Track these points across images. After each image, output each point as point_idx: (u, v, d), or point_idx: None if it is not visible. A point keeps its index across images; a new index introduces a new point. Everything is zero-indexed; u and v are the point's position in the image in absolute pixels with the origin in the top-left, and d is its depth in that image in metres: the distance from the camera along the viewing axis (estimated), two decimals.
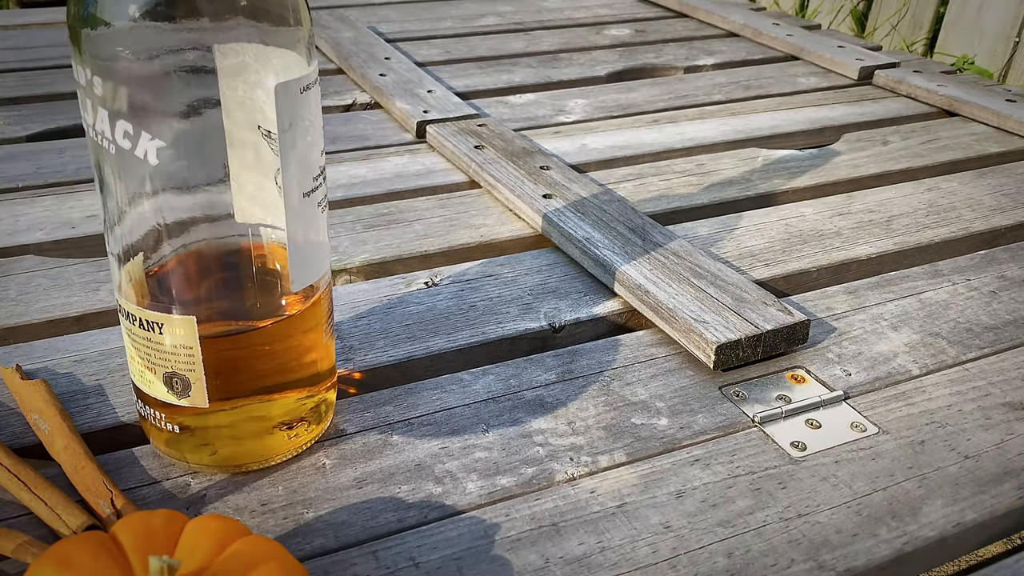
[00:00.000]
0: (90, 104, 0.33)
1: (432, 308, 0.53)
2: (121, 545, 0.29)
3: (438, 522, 0.38)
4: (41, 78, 0.92)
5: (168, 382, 0.37)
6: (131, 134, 0.33)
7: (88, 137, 0.35)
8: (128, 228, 0.36)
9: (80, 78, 0.33)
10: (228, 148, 0.35)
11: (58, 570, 0.27)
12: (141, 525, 0.29)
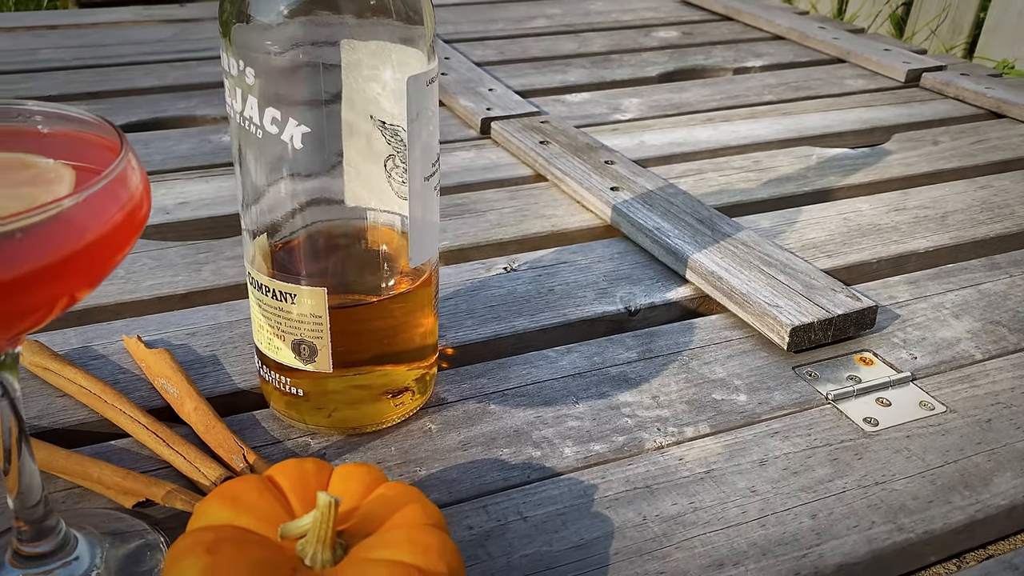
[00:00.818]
0: (239, 93, 0.37)
1: (512, 291, 0.56)
2: (279, 486, 0.32)
3: (540, 482, 0.41)
4: (118, 74, 0.96)
5: (296, 349, 0.41)
6: (279, 120, 0.36)
7: (233, 123, 0.38)
8: (264, 207, 0.39)
9: (232, 69, 0.37)
10: (344, 137, 0.38)
11: (228, 505, 0.31)
12: (295, 470, 0.32)
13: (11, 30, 1.13)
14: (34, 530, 0.33)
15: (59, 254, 0.25)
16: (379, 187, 0.40)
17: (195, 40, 1.10)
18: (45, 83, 0.93)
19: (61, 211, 0.25)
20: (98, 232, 0.26)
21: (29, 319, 0.27)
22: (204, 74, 0.97)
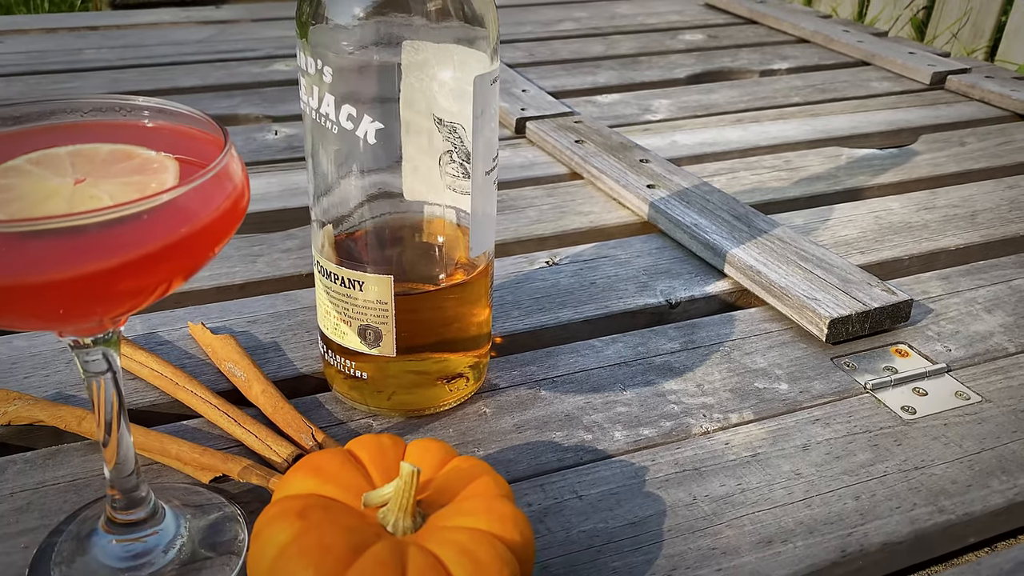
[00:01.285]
0: (316, 90, 0.39)
1: (556, 284, 0.58)
2: (359, 459, 0.34)
3: (592, 463, 0.43)
4: (161, 73, 0.99)
5: (362, 334, 0.43)
6: (354, 116, 0.38)
7: (308, 119, 0.40)
8: (335, 199, 0.41)
9: (309, 68, 0.39)
10: (403, 135, 0.40)
11: (313, 476, 0.33)
12: (373, 444, 0.34)
13: (53, 31, 1.16)
14: (126, 499, 0.35)
15: (176, 236, 0.27)
16: (435, 182, 0.42)
17: (233, 41, 1.12)
18: (91, 82, 0.96)
19: (178, 196, 0.27)
20: (209, 218, 0.28)
21: (141, 298, 0.29)
22: (245, 74, 0.99)
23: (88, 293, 0.27)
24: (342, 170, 0.40)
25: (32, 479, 0.40)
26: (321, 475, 0.33)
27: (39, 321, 0.29)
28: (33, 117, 0.32)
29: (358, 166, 0.40)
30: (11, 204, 0.28)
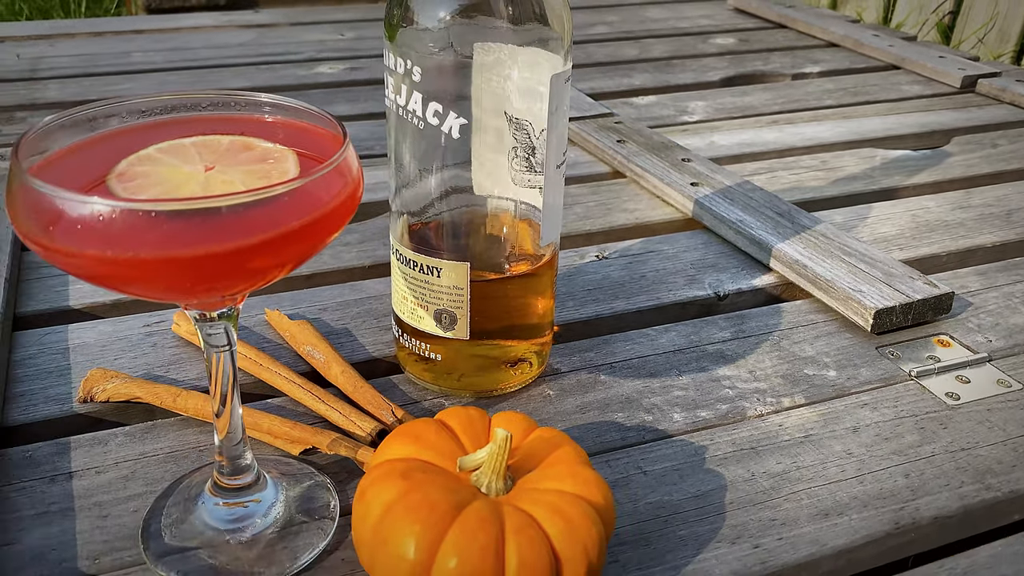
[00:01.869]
0: (405, 89, 0.42)
1: (607, 277, 0.60)
2: (450, 428, 0.36)
3: (654, 442, 0.45)
4: (209, 75, 1.02)
5: (438, 317, 0.45)
6: (440, 113, 0.41)
7: (393, 116, 0.43)
8: (416, 191, 0.44)
9: (398, 67, 0.41)
10: (473, 132, 0.43)
11: (410, 442, 0.35)
12: (462, 415, 0.37)
13: (99, 34, 1.20)
14: (233, 466, 0.38)
15: (302, 221, 0.30)
16: (503, 177, 0.44)
17: (274, 44, 1.16)
18: (142, 83, 0.99)
19: (305, 184, 0.30)
20: (330, 206, 0.31)
21: (263, 277, 0.32)
22: (290, 76, 1.02)
23: (218, 269, 0.30)
24: (424, 164, 0.43)
25: (133, 451, 0.43)
26: (419, 441, 0.35)
27: (170, 292, 0.32)
28: (157, 111, 0.35)
29: (439, 160, 0.43)
30: (152, 188, 0.30)
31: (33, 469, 0.41)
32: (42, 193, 0.28)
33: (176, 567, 0.36)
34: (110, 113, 0.34)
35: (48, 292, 0.56)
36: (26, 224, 0.29)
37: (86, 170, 0.32)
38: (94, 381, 0.45)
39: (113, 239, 0.28)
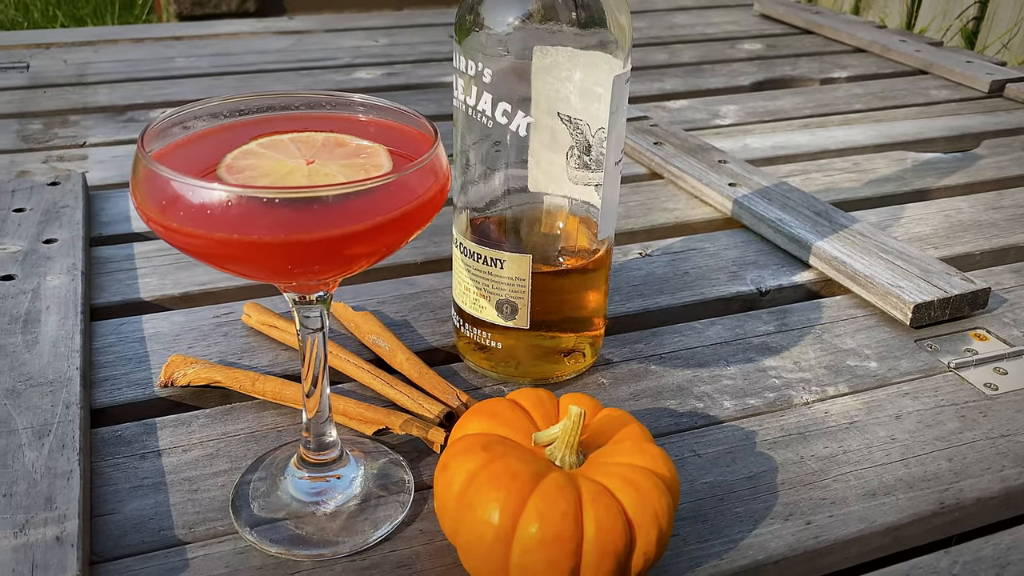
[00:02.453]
0: (475, 90, 0.44)
1: (651, 273, 0.63)
2: (523, 406, 0.39)
3: (706, 427, 0.47)
4: (253, 80, 1.05)
5: (499, 307, 0.48)
6: (509, 112, 0.44)
7: (461, 116, 0.45)
8: (482, 187, 0.47)
9: (469, 70, 0.44)
10: (531, 132, 0.45)
11: (487, 419, 0.38)
12: (532, 395, 0.39)
13: (140, 40, 1.23)
14: (318, 442, 0.40)
15: (397, 212, 0.32)
16: (558, 175, 0.47)
17: (311, 50, 1.19)
18: (188, 88, 1.02)
19: (402, 178, 0.32)
20: (423, 199, 0.33)
21: (357, 263, 0.34)
22: (329, 82, 1.05)
23: (319, 254, 0.33)
24: (489, 162, 0.46)
25: (216, 431, 0.45)
26: (495, 418, 0.38)
27: (272, 274, 0.34)
28: (254, 109, 0.37)
29: (504, 157, 0.45)
30: (262, 179, 0.33)
31: (124, 447, 0.44)
32: (167, 178, 0.31)
33: (267, 536, 0.38)
34: (214, 111, 0.37)
35: (119, 285, 0.59)
36: (148, 205, 0.32)
37: (196, 161, 0.34)
38: (175, 366, 0.48)
39: (229, 223, 0.31)
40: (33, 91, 1.00)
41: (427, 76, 1.09)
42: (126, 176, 0.77)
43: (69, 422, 0.43)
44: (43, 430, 0.42)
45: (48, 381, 0.46)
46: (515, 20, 0.43)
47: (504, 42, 0.43)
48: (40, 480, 0.39)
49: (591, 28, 0.43)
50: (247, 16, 1.95)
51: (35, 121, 0.90)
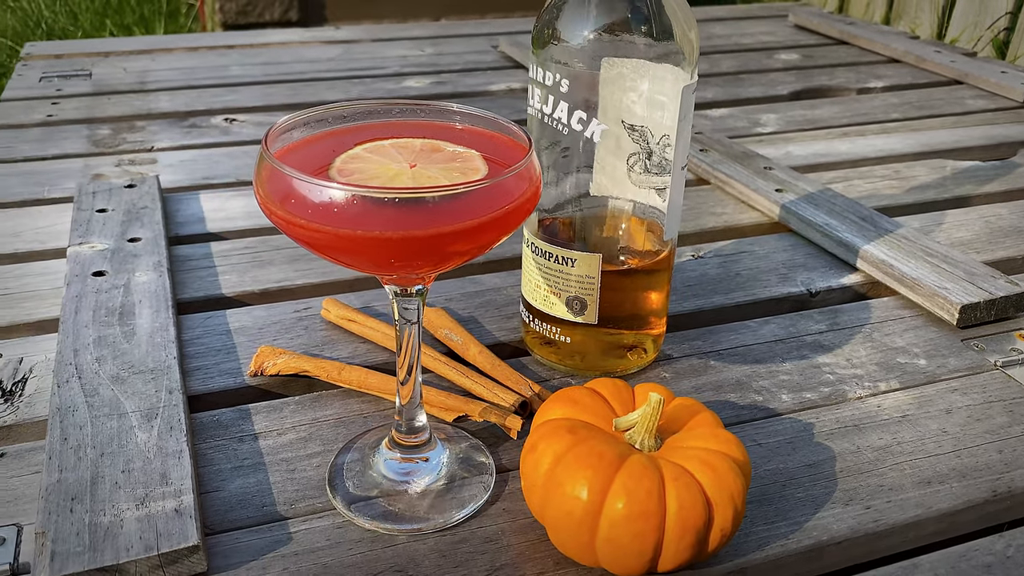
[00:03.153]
0: (551, 99, 0.47)
1: (704, 275, 0.65)
2: (601, 395, 0.41)
3: (765, 419, 0.50)
4: (306, 88, 1.09)
5: (569, 304, 0.51)
6: (584, 120, 0.47)
7: (535, 123, 0.48)
8: (555, 189, 0.49)
9: (546, 80, 0.47)
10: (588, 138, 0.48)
11: (569, 405, 0.40)
12: (609, 384, 0.42)
13: (195, 49, 1.28)
14: (409, 426, 0.43)
15: (494, 213, 0.35)
16: (621, 179, 0.49)
17: (360, 59, 1.22)
18: (246, 95, 1.06)
19: (500, 181, 0.35)
20: (517, 202, 0.36)
21: (454, 260, 0.37)
22: (380, 90, 1.09)
23: (421, 250, 0.36)
24: (561, 166, 0.49)
25: (306, 417, 0.49)
26: (577, 405, 0.40)
27: (375, 266, 0.37)
28: (358, 116, 0.41)
29: (577, 162, 0.48)
30: (371, 180, 0.36)
31: (223, 431, 0.47)
32: (290, 177, 0.34)
33: (363, 512, 0.41)
34: (320, 118, 0.40)
35: (200, 282, 0.63)
36: (272, 200, 0.35)
37: (309, 163, 0.37)
38: (264, 357, 0.51)
39: (347, 219, 0.34)
40: (98, 98, 1.04)
41: (474, 85, 1.12)
42: (195, 179, 0.81)
43: (173, 406, 0.46)
44: (151, 413, 0.45)
45: (149, 369, 0.49)
46: (590, 34, 0.46)
47: (579, 54, 0.46)
48: (153, 459, 0.42)
49: (661, 42, 0.46)
50: (290, 25, 2.00)
51: (103, 126, 0.94)
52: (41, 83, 1.09)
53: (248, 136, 0.93)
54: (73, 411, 0.45)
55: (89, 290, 0.57)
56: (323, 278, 0.64)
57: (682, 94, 0.47)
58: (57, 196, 0.77)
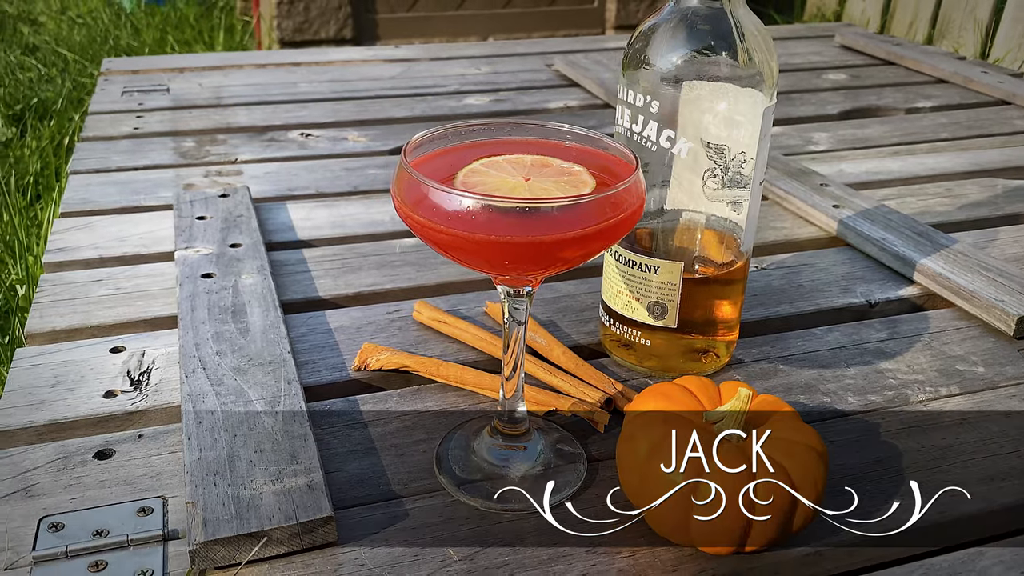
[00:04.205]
0: (642, 119, 0.51)
1: (769, 285, 0.69)
2: (690, 390, 0.45)
3: (833, 419, 0.53)
4: (372, 105, 1.14)
5: (651, 309, 0.55)
6: (672, 139, 0.51)
7: (623, 140, 0.53)
8: None
9: (636, 101, 0.51)
10: (675, 155, 0.52)
11: (661, 399, 0.44)
12: (696, 380, 0.46)
13: (263, 66, 1.34)
14: (511, 416, 0.47)
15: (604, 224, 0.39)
16: (696, 194, 0.53)
17: (421, 78, 1.28)
18: (317, 111, 1.11)
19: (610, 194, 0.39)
20: (622, 215, 0.40)
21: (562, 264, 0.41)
22: (443, 107, 1.14)
23: (536, 253, 0.40)
24: (648, 179, 0.53)
25: (409, 407, 0.53)
26: (668, 398, 0.44)
27: (491, 266, 0.41)
28: (476, 133, 0.45)
29: (662, 177, 0.52)
30: (493, 192, 0.40)
31: (335, 419, 0.52)
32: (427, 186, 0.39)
33: (470, 492, 0.45)
34: (442, 135, 0.44)
35: (297, 285, 0.67)
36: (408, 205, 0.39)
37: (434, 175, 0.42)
38: (368, 353, 0.56)
39: (475, 224, 0.38)
40: (178, 112, 1.10)
41: (531, 102, 1.17)
42: (280, 190, 0.86)
43: (293, 395, 0.51)
44: (273, 401, 0.50)
45: (267, 362, 0.54)
46: (678, 60, 0.50)
47: (667, 78, 0.50)
48: (281, 441, 0.47)
49: (743, 67, 0.50)
50: (344, 43, 2.07)
51: (187, 139, 1.00)
52: (123, 97, 1.16)
53: (323, 150, 0.98)
54: (203, 398, 0.50)
55: (201, 290, 0.62)
56: (410, 283, 0.68)
57: (763, 115, 0.51)
58: (152, 204, 0.82)
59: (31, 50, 2.21)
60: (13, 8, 2.82)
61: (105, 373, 0.55)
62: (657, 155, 0.52)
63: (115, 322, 0.61)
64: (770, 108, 0.51)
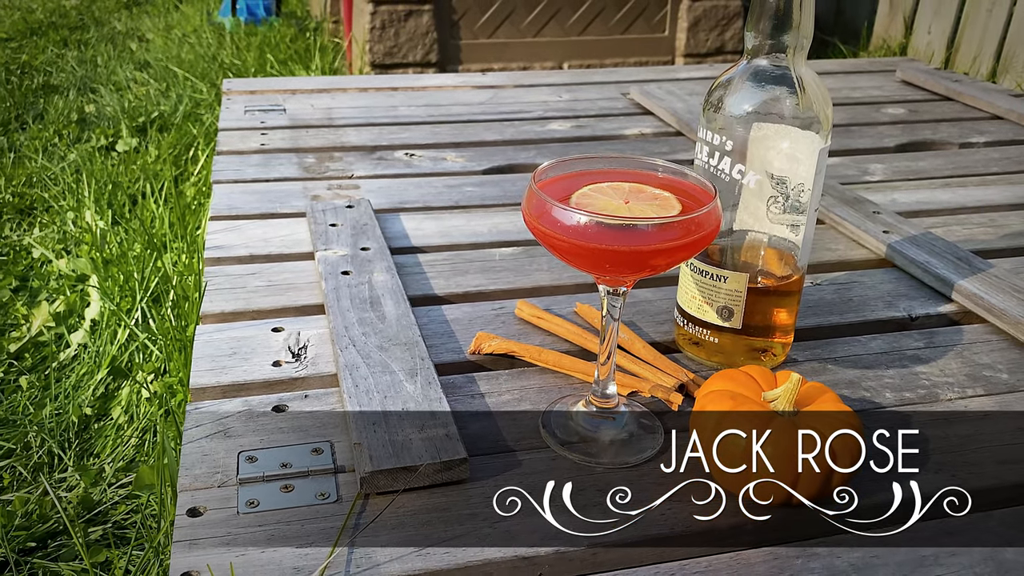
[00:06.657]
0: (717, 155, 0.62)
1: (822, 299, 0.79)
2: (751, 375, 0.56)
3: (872, 410, 0.63)
4: (467, 128, 1.27)
5: (720, 312, 0.66)
6: (743, 171, 0.62)
7: (702, 172, 0.64)
8: None
9: (714, 140, 0.62)
10: (744, 184, 0.63)
11: (728, 381, 0.55)
12: (755, 368, 0.57)
13: (365, 90, 1.48)
14: (603, 393, 0.59)
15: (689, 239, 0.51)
16: (760, 217, 0.64)
17: (508, 103, 1.40)
18: (417, 134, 1.25)
19: (696, 216, 0.50)
20: (702, 233, 0.51)
21: (649, 271, 0.52)
22: (530, 132, 1.26)
23: (634, 260, 0.51)
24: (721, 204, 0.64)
25: (516, 385, 0.65)
26: (734, 380, 0.55)
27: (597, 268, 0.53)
28: (580, 164, 0.57)
29: (732, 202, 0.63)
30: (602, 211, 0.52)
31: (457, 390, 0.64)
32: (551, 205, 0.50)
33: (570, 449, 0.57)
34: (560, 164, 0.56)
35: (416, 284, 0.80)
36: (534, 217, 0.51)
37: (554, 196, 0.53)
38: (482, 339, 0.68)
39: (588, 235, 0.50)
40: (296, 130, 1.24)
41: (609, 129, 1.28)
42: (394, 203, 0.99)
43: (427, 369, 0.63)
44: (412, 372, 0.62)
45: (403, 343, 0.66)
46: (749, 107, 0.61)
47: (740, 122, 0.61)
48: (422, 402, 0.59)
49: (804, 114, 0.61)
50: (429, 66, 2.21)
51: (308, 156, 1.14)
52: (246, 115, 1.31)
53: (426, 169, 1.11)
54: (356, 368, 0.62)
55: (342, 284, 0.75)
56: (509, 285, 0.80)
57: (818, 155, 0.61)
58: (287, 211, 0.96)
59: (142, 66, 2.41)
60: (122, 25, 3.05)
61: (270, 347, 0.68)
62: (729, 184, 0.63)
63: (271, 308, 0.75)
64: (825, 148, 0.62)
